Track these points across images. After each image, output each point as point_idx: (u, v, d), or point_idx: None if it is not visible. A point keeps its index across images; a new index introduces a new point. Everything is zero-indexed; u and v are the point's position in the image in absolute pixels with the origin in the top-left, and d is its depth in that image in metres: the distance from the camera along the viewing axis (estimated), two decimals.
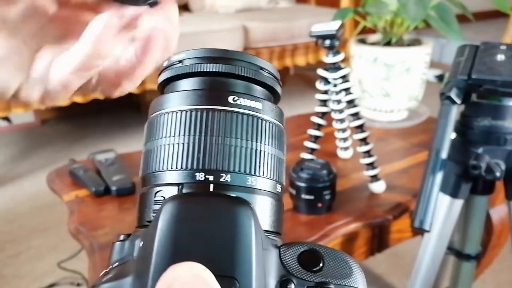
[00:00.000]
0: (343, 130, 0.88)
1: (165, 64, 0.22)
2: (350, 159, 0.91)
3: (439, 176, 0.58)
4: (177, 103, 0.20)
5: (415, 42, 1.09)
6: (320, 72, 0.76)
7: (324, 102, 0.79)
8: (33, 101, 0.23)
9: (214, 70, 0.20)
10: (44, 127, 2.30)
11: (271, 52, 2.20)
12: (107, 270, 0.18)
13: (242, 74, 0.21)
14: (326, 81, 0.76)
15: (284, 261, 0.19)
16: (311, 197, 0.70)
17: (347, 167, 0.88)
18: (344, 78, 0.75)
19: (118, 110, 2.32)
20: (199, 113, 0.19)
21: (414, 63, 1.03)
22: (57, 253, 1.29)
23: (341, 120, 0.84)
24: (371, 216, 0.72)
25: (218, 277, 0.15)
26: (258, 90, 0.22)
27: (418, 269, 0.73)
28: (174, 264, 0.15)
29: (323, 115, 0.80)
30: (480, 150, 0.62)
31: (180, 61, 0.21)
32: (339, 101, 0.78)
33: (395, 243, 0.79)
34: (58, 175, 0.87)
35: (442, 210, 0.67)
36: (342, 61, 0.75)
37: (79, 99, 1.80)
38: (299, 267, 0.19)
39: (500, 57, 0.59)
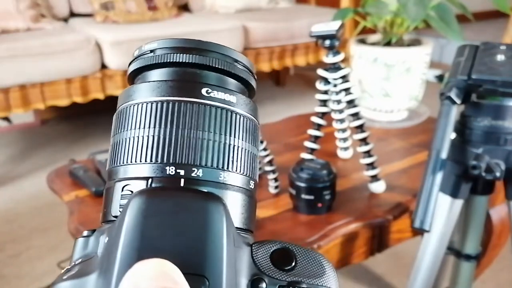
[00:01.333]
0: (343, 130, 0.88)
1: (136, 53, 0.21)
2: (350, 159, 0.91)
3: (439, 176, 0.58)
4: (147, 94, 0.19)
5: (415, 42, 1.09)
6: (320, 72, 0.76)
7: (324, 102, 0.79)
8: None
9: (186, 61, 0.20)
10: (44, 127, 2.30)
11: (271, 52, 2.20)
12: (69, 267, 0.18)
13: (216, 66, 0.20)
14: (326, 81, 0.76)
15: (256, 260, 0.18)
16: (311, 197, 0.70)
17: (347, 167, 0.88)
18: (344, 78, 0.75)
19: None
20: (170, 105, 0.19)
21: (414, 63, 1.03)
22: (57, 253, 1.29)
23: (341, 120, 0.84)
24: (371, 216, 0.72)
25: (187, 275, 0.15)
26: (232, 83, 0.21)
27: (418, 269, 0.73)
28: (140, 260, 0.15)
29: (323, 115, 0.80)
30: (480, 150, 0.62)
31: (151, 51, 0.20)
32: (339, 101, 0.78)
33: (395, 243, 0.79)
34: (58, 175, 0.87)
35: (442, 210, 0.67)
36: (342, 61, 0.75)
37: (79, 99, 1.80)
38: (271, 266, 0.18)
39: (500, 57, 0.59)
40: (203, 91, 0.19)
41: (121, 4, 2.15)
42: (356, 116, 0.76)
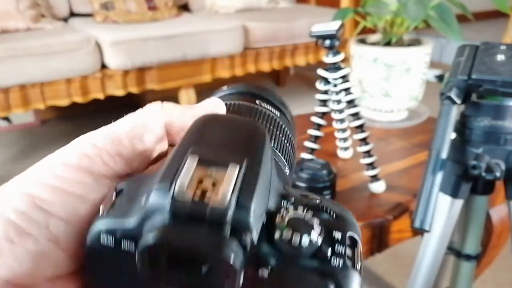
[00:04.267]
0: (343, 130, 0.88)
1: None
2: (350, 159, 0.91)
3: (439, 176, 0.58)
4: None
5: (415, 42, 1.09)
6: (320, 72, 0.76)
7: (324, 102, 0.79)
8: None
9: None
10: (44, 127, 2.30)
11: (271, 52, 2.20)
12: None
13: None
14: (326, 81, 0.76)
15: (285, 186, 0.20)
16: None
17: (347, 167, 0.88)
18: (344, 78, 0.75)
19: (118, 110, 2.31)
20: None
21: (414, 63, 1.03)
22: None
23: (341, 120, 0.84)
24: (371, 216, 0.72)
25: (232, 159, 0.17)
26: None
27: (418, 269, 0.73)
28: (196, 144, 0.17)
29: (323, 115, 0.80)
30: (480, 150, 0.62)
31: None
32: (339, 101, 0.78)
33: (395, 243, 0.79)
34: None
35: (442, 210, 0.67)
36: (342, 61, 0.75)
37: (79, 99, 1.80)
38: (299, 195, 0.20)
39: (500, 57, 0.59)
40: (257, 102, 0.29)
41: (121, 4, 2.15)
42: (356, 116, 0.76)
